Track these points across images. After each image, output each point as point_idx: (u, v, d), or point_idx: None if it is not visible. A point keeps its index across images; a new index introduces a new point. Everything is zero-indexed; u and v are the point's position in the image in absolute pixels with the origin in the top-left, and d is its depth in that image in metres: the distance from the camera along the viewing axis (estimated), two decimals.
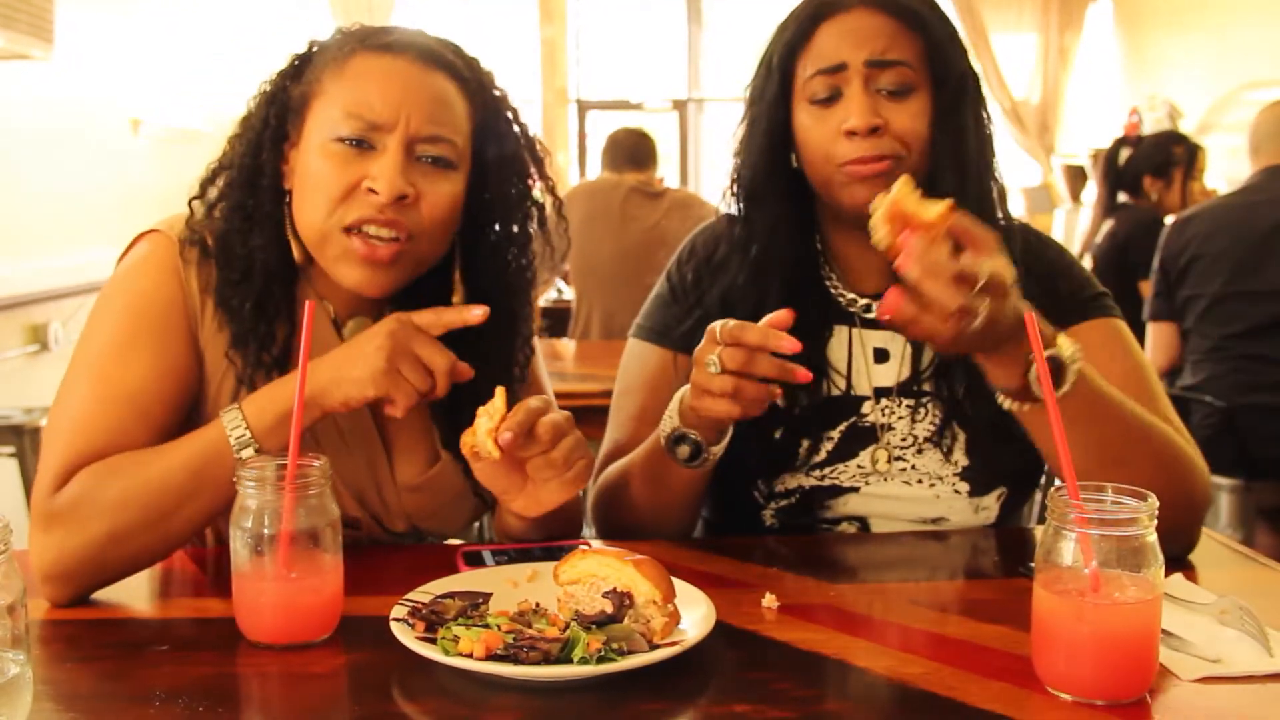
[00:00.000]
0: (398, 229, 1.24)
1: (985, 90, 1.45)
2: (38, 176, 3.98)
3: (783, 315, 1.19)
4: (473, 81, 1.33)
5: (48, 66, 3.84)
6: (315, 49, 1.33)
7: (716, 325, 1.20)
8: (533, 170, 1.40)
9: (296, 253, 1.32)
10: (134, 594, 1.23)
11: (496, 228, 1.38)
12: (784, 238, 1.45)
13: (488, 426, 1.16)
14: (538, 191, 1.42)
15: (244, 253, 1.28)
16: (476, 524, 2.88)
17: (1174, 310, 3.42)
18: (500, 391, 1.18)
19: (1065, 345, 1.19)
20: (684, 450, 1.30)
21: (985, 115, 1.43)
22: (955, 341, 1.12)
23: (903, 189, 1.13)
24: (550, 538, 1.34)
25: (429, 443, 1.40)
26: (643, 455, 1.39)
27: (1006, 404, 1.22)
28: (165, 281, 1.27)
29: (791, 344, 1.17)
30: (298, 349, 1.30)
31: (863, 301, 1.48)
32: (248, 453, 1.18)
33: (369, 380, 1.19)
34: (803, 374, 1.18)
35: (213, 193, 1.33)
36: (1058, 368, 1.19)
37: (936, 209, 1.11)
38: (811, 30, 1.39)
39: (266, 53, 1.36)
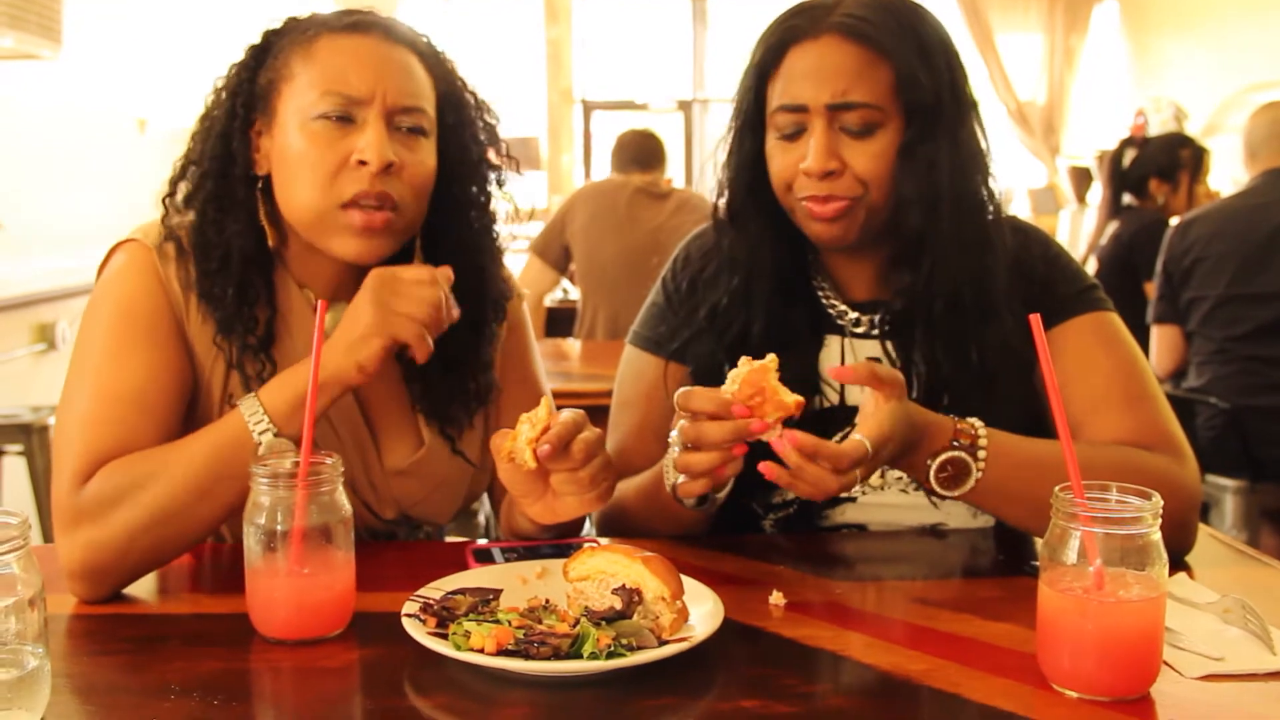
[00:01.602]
0: (385, 200, 1.27)
1: (991, 92, 1.44)
2: (45, 176, 3.99)
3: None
4: (430, 55, 1.37)
5: (55, 66, 3.86)
6: (273, 38, 1.35)
7: (678, 395, 1.19)
8: (484, 136, 1.43)
9: (270, 238, 1.35)
10: (150, 589, 1.25)
11: (460, 191, 1.41)
12: (768, 257, 1.43)
13: (529, 435, 1.16)
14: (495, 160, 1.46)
15: (220, 241, 1.31)
16: (483, 521, 2.90)
17: (1178, 313, 3.43)
18: (545, 400, 1.19)
19: (964, 438, 1.25)
20: (691, 500, 1.30)
21: (973, 130, 1.39)
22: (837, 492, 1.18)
23: (772, 363, 1.16)
24: (558, 536, 1.35)
25: (414, 427, 1.43)
26: (645, 489, 1.39)
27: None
28: (147, 285, 1.30)
29: (741, 412, 1.15)
30: (283, 332, 1.35)
31: (852, 315, 1.47)
32: (267, 437, 1.20)
33: (372, 332, 1.22)
34: (739, 450, 1.17)
35: (184, 189, 1.36)
36: (961, 468, 1.26)
37: (793, 399, 1.16)
38: (780, 56, 1.37)
39: None
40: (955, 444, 1.25)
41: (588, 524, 1.48)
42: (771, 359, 1.17)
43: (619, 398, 1.55)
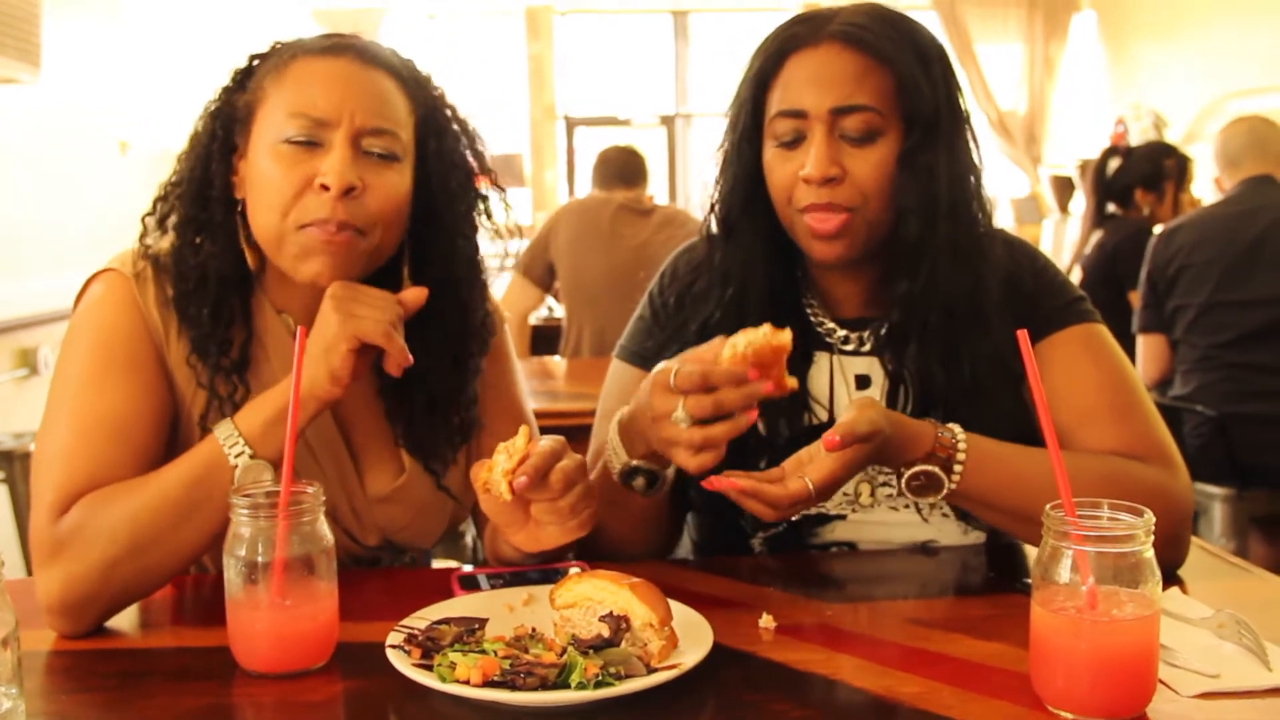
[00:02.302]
0: (346, 228, 1.25)
1: (972, 102, 1.43)
2: (26, 199, 3.97)
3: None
4: (410, 79, 1.35)
5: (36, 90, 3.84)
6: (256, 61, 1.34)
7: (670, 372, 1.17)
8: (475, 165, 1.41)
9: (250, 260, 1.34)
10: (131, 623, 1.23)
11: (442, 220, 1.38)
12: (760, 273, 1.43)
13: (505, 466, 1.14)
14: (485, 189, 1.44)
15: (197, 262, 1.30)
16: (470, 542, 2.88)
17: (1163, 321, 3.44)
18: (523, 430, 1.17)
19: (942, 451, 1.25)
20: (640, 482, 1.29)
21: (967, 141, 1.39)
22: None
23: (788, 338, 1.17)
24: (544, 562, 1.34)
25: (395, 453, 1.42)
26: (597, 485, 1.37)
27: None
28: (126, 313, 1.29)
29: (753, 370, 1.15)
30: (259, 356, 1.34)
31: (841, 332, 1.46)
32: (243, 460, 1.19)
33: (337, 337, 1.20)
34: (753, 414, 1.17)
35: (165, 209, 1.35)
36: (933, 480, 1.25)
37: (793, 381, 1.18)
38: (780, 64, 1.36)
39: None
40: (931, 456, 1.25)
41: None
42: (788, 334, 1.16)
43: (602, 409, 1.53)
